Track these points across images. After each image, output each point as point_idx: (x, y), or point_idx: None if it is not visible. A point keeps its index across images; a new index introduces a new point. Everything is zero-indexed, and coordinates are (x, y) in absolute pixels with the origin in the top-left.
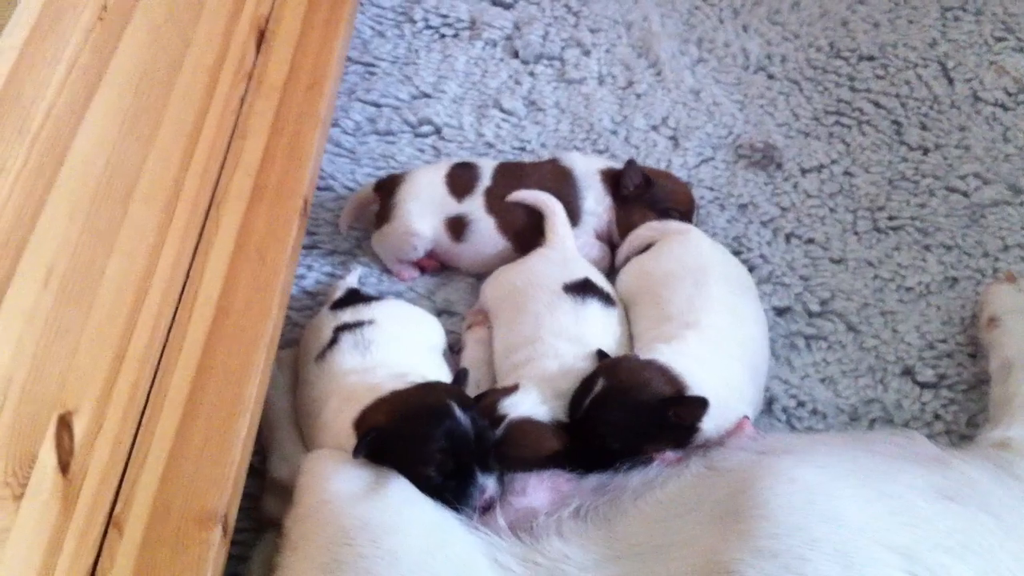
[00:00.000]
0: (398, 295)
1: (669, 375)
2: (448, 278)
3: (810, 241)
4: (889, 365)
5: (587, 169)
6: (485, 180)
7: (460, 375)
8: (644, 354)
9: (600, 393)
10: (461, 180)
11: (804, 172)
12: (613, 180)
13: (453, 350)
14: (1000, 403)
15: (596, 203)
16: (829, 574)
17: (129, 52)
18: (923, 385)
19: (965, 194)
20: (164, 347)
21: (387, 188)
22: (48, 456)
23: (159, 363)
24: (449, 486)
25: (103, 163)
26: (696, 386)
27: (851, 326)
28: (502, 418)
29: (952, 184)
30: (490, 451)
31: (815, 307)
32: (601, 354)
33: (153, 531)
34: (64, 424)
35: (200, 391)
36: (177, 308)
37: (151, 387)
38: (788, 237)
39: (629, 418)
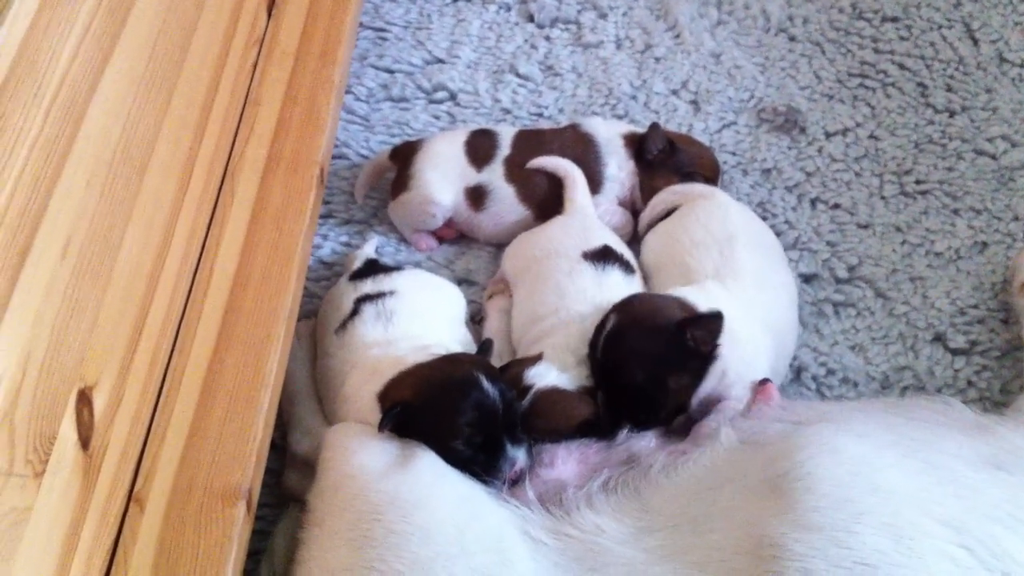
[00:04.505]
0: (416, 265)
1: (682, 303)
2: (467, 247)
3: (836, 206)
4: (920, 332)
5: (609, 134)
6: (505, 148)
7: (485, 346)
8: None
9: (615, 326)
10: (480, 148)
11: (828, 136)
12: (636, 145)
13: (474, 320)
14: None
15: (619, 169)
16: (878, 548)
17: (142, 17)
18: (955, 352)
19: (993, 157)
20: (181, 320)
21: (404, 156)
22: (69, 432)
23: (177, 336)
24: (478, 459)
25: (119, 131)
26: None
27: (880, 292)
28: (528, 389)
29: (980, 147)
30: (518, 423)
31: (843, 273)
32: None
33: (175, 508)
34: (84, 399)
35: (219, 364)
36: (194, 280)
37: (169, 360)
38: (813, 202)
39: (647, 345)
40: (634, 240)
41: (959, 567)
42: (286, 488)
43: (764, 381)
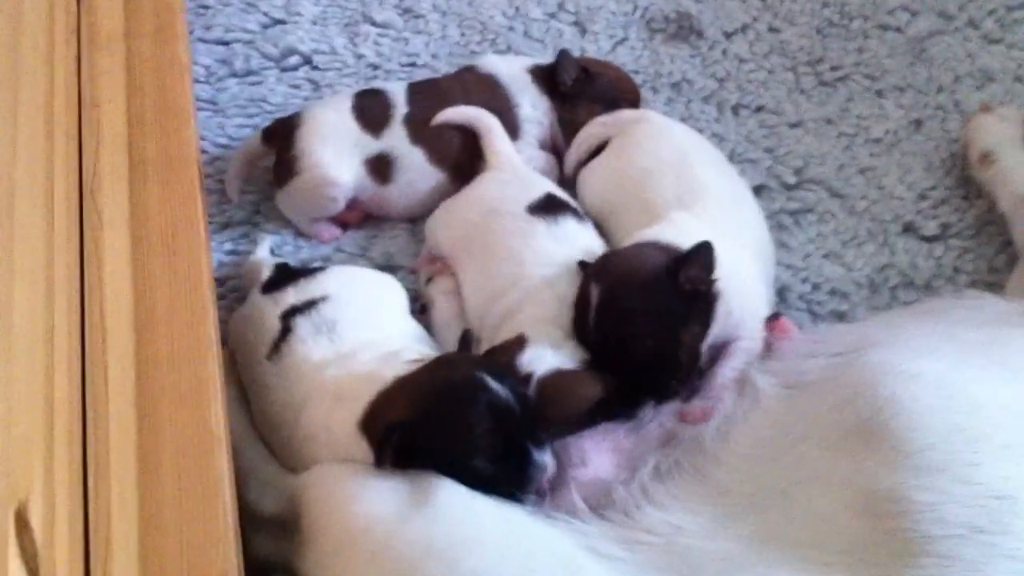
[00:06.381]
0: (325, 260)
1: (661, 246)
2: (378, 228)
3: (759, 109)
4: (888, 225)
5: (513, 71)
6: (401, 106)
7: (465, 339)
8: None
9: (602, 296)
10: (372, 111)
11: (728, 36)
12: (546, 78)
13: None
14: None
15: (533, 108)
16: (1007, 474)
17: None
18: (929, 239)
19: (899, 30)
20: (88, 387)
21: (281, 136)
22: (16, 566)
23: (86, 407)
24: (503, 474)
25: None
26: None
27: (834, 192)
28: (527, 377)
29: (883, 21)
30: (535, 421)
31: (790, 179)
32: (584, 264)
33: None
34: (21, 520)
35: (151, 430)
36: (85, 331)
37: (90, 440)
38: (735, 109)
39: (645, 305)
40: (563, 183)
41: None
42: (257, 557)
43: (775, 316)
